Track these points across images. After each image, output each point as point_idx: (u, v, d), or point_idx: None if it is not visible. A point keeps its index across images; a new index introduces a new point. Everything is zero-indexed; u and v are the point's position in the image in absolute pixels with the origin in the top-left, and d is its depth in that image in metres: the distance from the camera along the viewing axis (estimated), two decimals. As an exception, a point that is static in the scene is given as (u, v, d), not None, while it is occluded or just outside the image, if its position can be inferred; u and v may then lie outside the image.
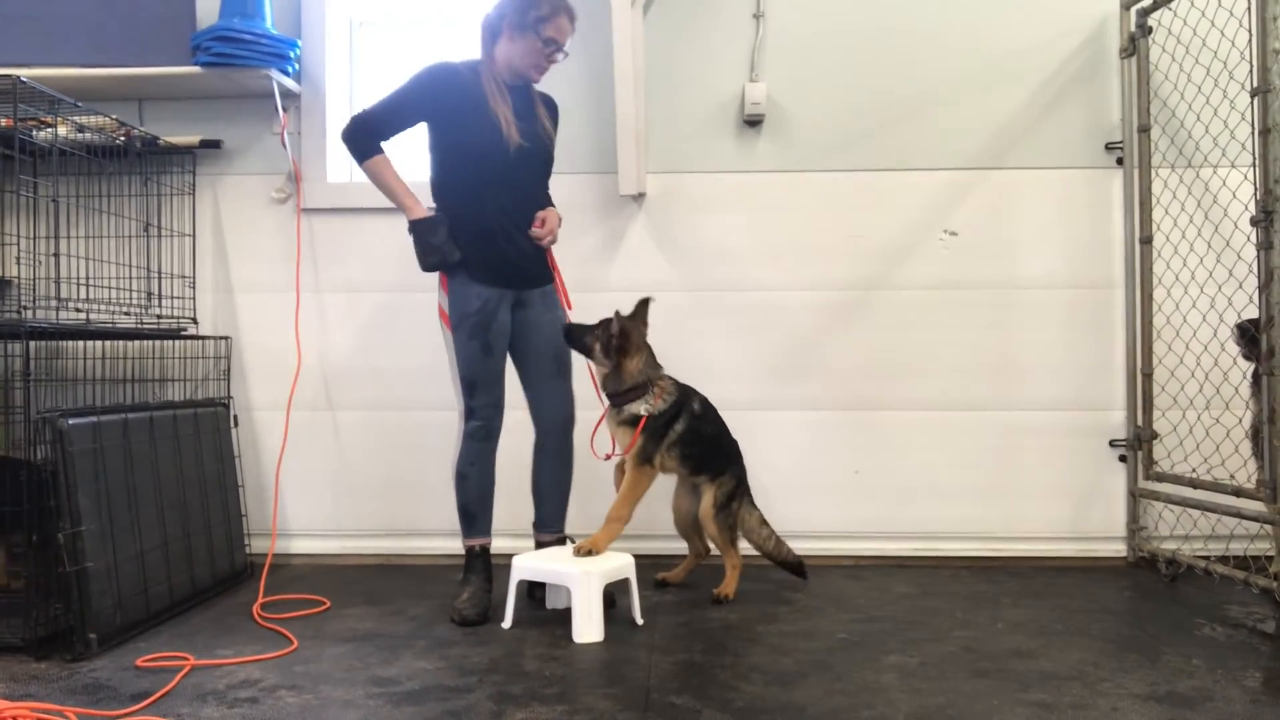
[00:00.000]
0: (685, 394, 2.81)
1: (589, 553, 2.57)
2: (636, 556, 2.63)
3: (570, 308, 2.83)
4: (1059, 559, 3.26)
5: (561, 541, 2.80)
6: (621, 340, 2.69)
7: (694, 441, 2.78)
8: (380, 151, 2.68)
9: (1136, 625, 2.57)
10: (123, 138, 3.08)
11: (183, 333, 3.23)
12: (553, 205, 2.81)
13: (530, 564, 2.59)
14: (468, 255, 2.65)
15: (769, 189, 3.34)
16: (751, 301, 3.33)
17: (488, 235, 2.66)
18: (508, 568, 2.60)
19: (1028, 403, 3.31)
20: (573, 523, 2.89)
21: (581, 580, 2.46)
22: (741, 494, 2.88)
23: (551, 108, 2.85)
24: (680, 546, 3.03)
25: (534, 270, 2.75)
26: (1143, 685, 2.11)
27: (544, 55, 2.66)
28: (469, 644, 2.42)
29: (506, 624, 2.56)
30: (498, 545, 3.08)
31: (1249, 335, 2.78)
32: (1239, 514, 2.76)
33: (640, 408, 2.70)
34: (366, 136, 2.67)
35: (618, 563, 2.58)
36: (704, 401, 2.86)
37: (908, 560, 3.28)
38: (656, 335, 2.93)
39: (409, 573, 3.20)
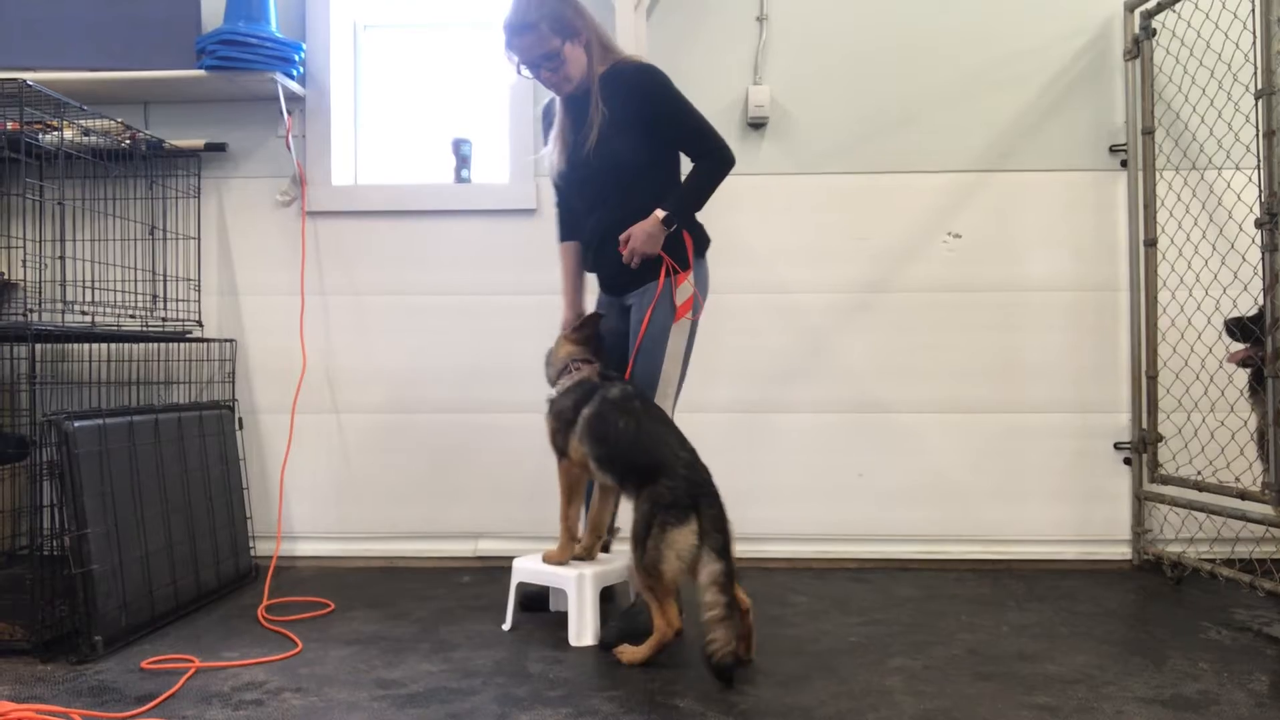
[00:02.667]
0: (606, 381, 2.47)
1: (560, 563, 2.54)
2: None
3: (679, 313, 2.52)
4: (1063, 562, 3.25)
5: None
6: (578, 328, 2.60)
7: (602, 431, 2.37)
8: (565, 239, 2.77)
9: (1141, 628, 2.57)
10: (128, 141, 3.08)
11: (188, 335, 3.24)
12: (659, 207, 2.47)
13: (528, 566, 2.59)
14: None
15: (772, 191, 3.34)
16: (755, 303, 3.33)
17: (584, 247, 2.70)
18: (509, 570, 2.61)
19: (1032, 405, 3.30)
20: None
21: (576, 583, 2.46)
22: (672, 524, 2.16)
23: (615, 88, 2.50)
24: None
25: (623, 276, 2.57)
26: (1148, 689, 2.10)
27: (535, 77, 2.58)
28: (473, 646, 2.42)
29: (506, 626, 2.56)
30: (500, 548, 3.08)
31: (1244, 332, 2.77)
32: (1244, 517, 2.76)
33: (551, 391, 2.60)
34: (559, 221, 2.78)
35: (615, 565, 2.58)
36: (631, 393, 2.42)
37: (912, 563, 3.27)
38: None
39: (413, 576, 3.20)
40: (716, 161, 2.51)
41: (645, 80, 2.51)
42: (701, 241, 2.61)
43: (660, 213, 2.45)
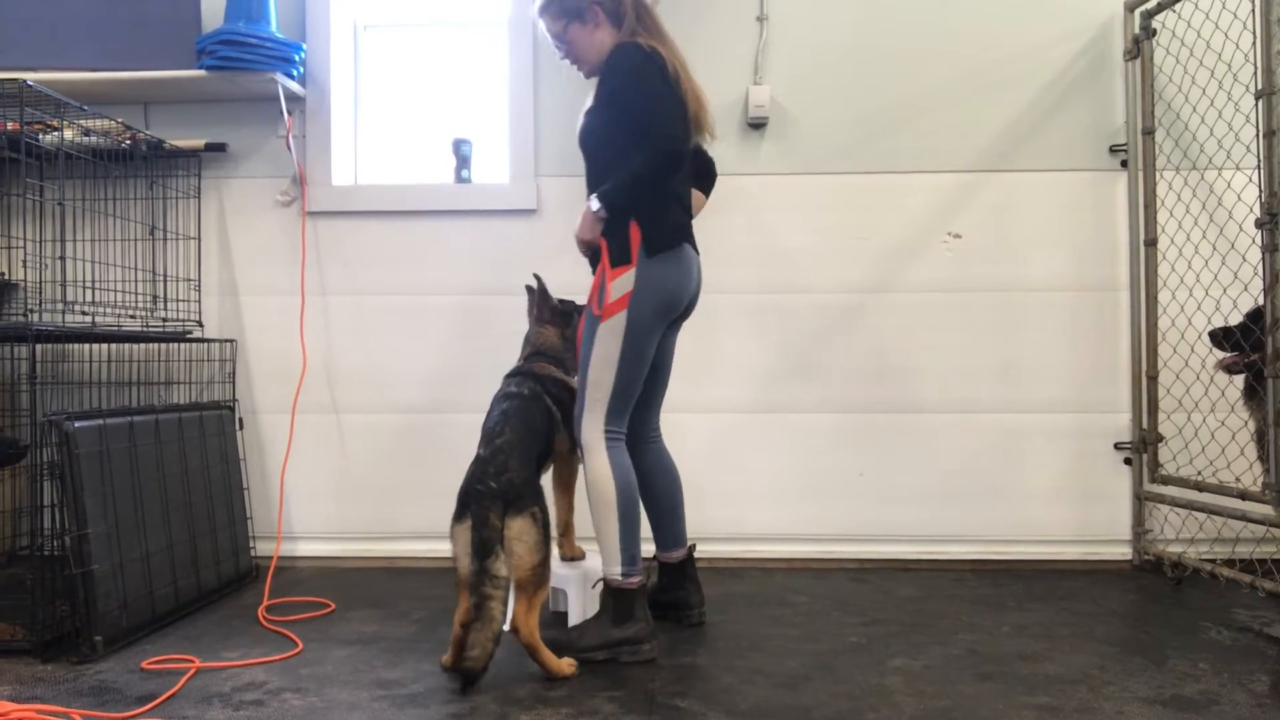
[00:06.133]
0: (510, 376, 2.57)
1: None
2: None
3: (608, 311, 2.37)
4: (1064, 562, 3.25)
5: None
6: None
7: None
8: None
9: (1142, 628, 2.57)
10: (128, 141, 3.09)
11: (188, 336, 3.24)
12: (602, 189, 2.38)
13: None
14: None
15: (772, 191, 3.34)
16: (755, 304, 3.33)
17: None
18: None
19: (1032, 405, 3.30)
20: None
21: (578, 583, 2.46)
22: (453, 518, 2.23)
23: (607, 64, 2.42)
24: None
25: (591, 264, 2.55)
26: (1148, 689, 2.10)
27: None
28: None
29: (506, 626, 2.56)
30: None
31: (1231, 341, 2.78)
32: (1245, 517, 2.76)
33: None
34: None
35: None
36: (506, 391, 2.48)
37: (912, 563, 3.27)
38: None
39: (414, 576, 3.20)
40: (649, 154, 2.31)
41: (612, 57, 2.40)
42: (657, 238, 2.37)
43: (593, 196, 2.37)
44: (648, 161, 2.32)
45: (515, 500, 2.19)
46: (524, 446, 2.32)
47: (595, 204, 2.36)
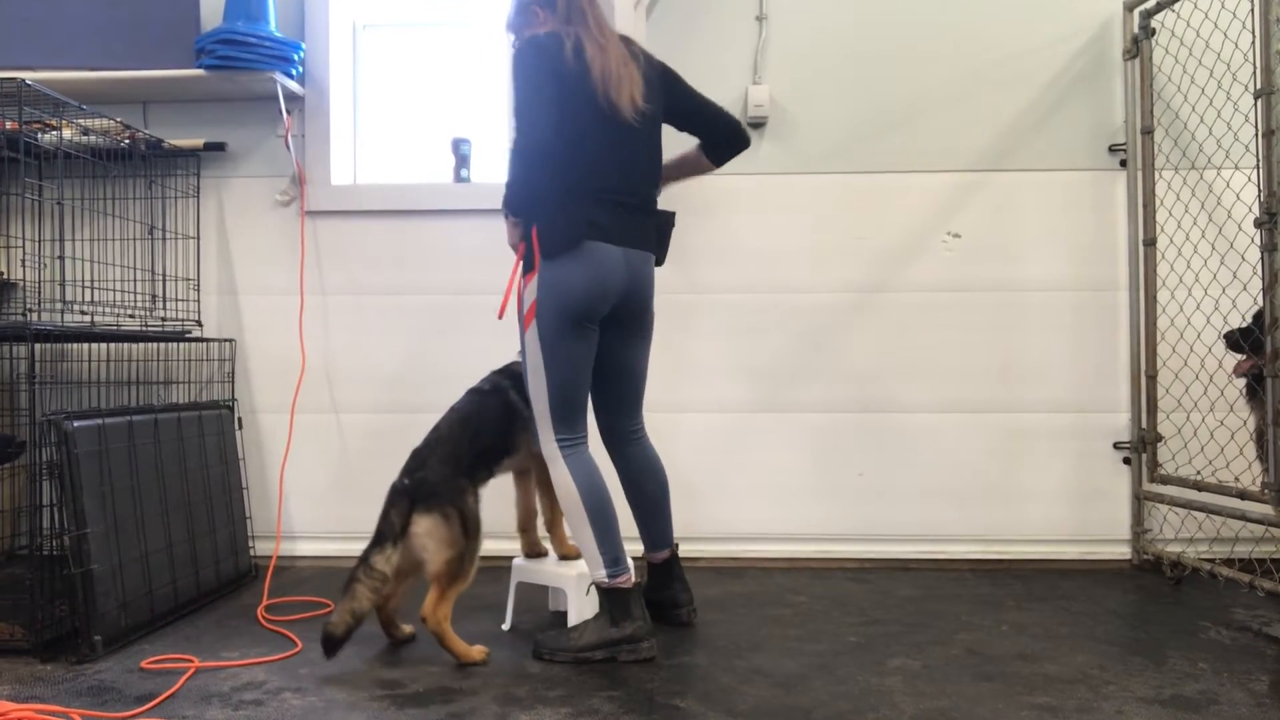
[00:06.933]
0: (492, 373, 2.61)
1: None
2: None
3: (525, 320, 2.39)
4: (1063, 561, 3.26)
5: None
6: None
7: None
8: None
9: (1141, 628, 2.57)
10: (127, 141, 3.08)
11: (187, 335, 3.24)
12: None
13: (528, 565, 2.60)
14: None
15: (772, 191, 3.34)
16: (755, 303, 3.33)
17: None
18: (508, 570, 2.61)
19: (1031, 405, 3.30)
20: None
21: (576, 583, 2.46)
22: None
23: None
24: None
25: None
26: (1148, 688, 2.10)
27: None
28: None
29: (506, 626, 2.57)
30: (500, 548, 3.08)
31: (1238, 343, 2.79)
32: (1244, 516, 2.76)
33: None
34: None
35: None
36: (476, 387, 2.57)
37: (912, 563, 3.27)
38: (662, 336, 2.92)
39: (413, 575, 3.20)
40: (512, 156, 2.27)
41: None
42: (550, 240, 2.30)
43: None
44: (512, 164, 2.28)
45: (425, 498, 2.28)
46: (453, 443, 2.38)
47: (504, 207, 2.36)
